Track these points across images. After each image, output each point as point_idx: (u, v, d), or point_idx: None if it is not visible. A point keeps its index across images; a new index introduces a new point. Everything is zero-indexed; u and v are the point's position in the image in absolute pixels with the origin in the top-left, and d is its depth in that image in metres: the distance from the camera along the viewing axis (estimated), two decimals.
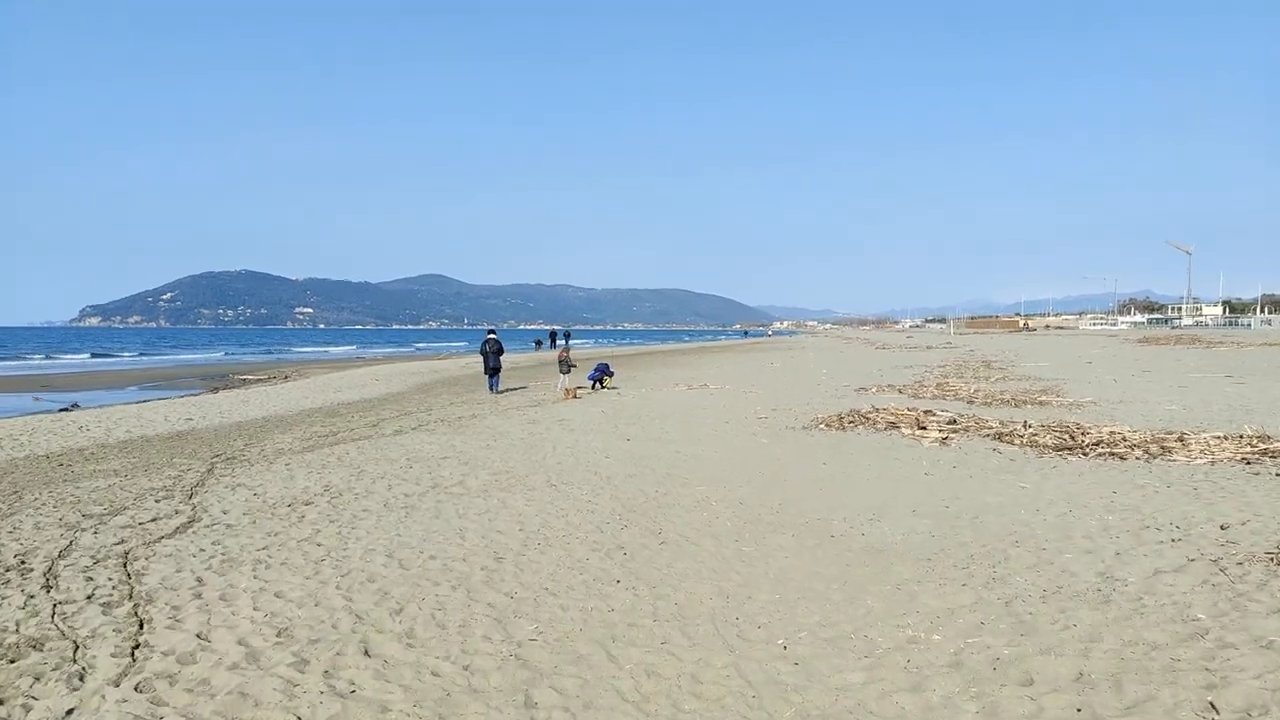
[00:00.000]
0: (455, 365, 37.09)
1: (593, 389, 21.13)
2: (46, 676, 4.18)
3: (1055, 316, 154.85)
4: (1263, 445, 9.51)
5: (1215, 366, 24.22)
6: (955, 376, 22.90)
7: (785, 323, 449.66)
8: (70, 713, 3.81)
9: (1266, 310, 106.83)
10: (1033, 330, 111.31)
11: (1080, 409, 14.39)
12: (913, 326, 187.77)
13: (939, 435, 11.36)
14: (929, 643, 4.41)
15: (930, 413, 13.44)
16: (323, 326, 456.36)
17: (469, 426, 14.15)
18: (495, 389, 20.87)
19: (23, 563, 6.17)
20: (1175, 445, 9.88)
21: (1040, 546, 6.11)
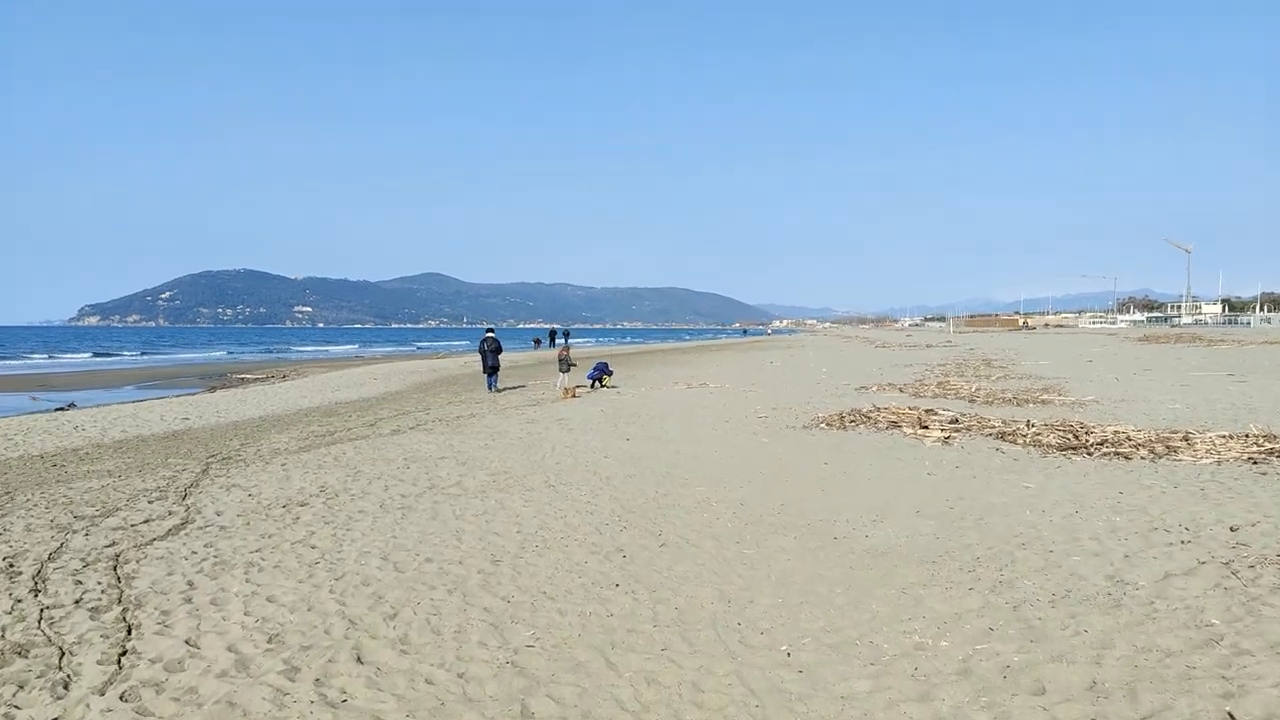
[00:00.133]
0: (454, 364, 36.98)
1: (592, 388, 21.03)
2: (30, 684, 4.07)
3: (1055, 315, 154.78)
4: (1269, 445, 9.40)
5: (1217, 365, 24.14)
6: (956, 375, 22.80)
7: (785, 321, 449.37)
8: None
9: (1266, 308, 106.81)
10: (1032, 329, 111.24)
11: (1083, 408, 14.29)
12: (912, 325, 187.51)
13: (941, 435, 11.26)
14: (936, 649, 4.30)
15: (932, 412, 13.32)
16: (322, 325, 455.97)
17: (467, 426, 14.03)
18: (494, 388, 20.78)
19: (11, 565, 6.06)
20: (1181, 445, 9.77)
21: (1047, 549, 6.00)
